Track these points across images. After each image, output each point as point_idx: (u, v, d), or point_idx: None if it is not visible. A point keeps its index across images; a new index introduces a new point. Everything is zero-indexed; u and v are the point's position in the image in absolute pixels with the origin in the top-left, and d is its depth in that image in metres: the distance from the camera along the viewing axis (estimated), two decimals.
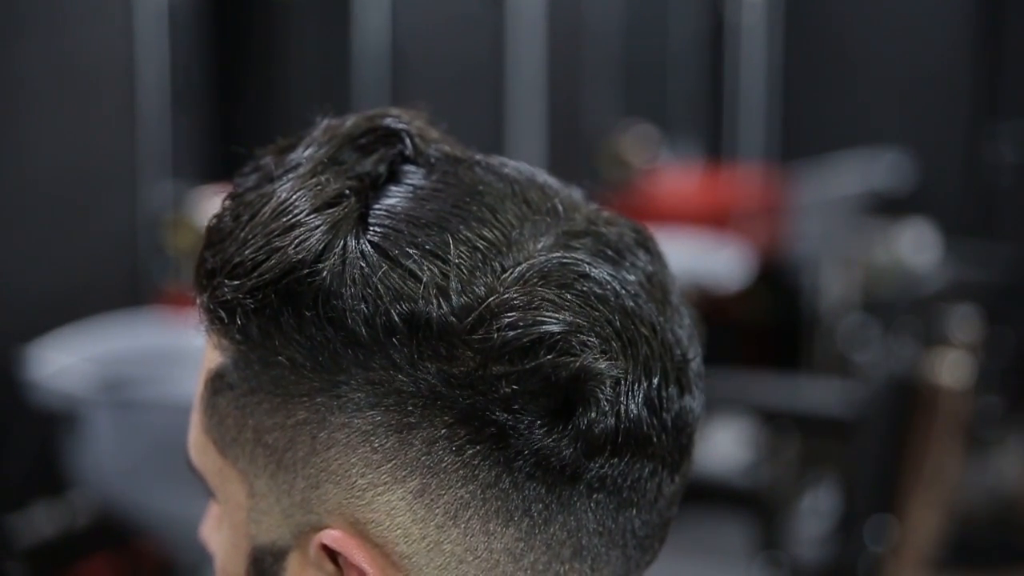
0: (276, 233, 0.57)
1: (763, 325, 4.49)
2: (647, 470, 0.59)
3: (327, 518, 0.58)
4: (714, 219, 4.21)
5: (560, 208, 0.61)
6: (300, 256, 0.56)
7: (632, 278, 0.59)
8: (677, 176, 4.66)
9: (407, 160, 0.61)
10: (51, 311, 2.51)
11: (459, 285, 0.55)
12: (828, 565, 2.51)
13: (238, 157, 0.65)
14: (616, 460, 0.57)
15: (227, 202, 0.61)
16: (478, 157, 0.63)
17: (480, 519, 0.57)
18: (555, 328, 0.55)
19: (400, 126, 0.62)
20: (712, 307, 3.97)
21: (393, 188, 0.60)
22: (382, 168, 0.60)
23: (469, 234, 0.57)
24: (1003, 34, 5.27)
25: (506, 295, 0.55)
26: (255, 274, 0.57)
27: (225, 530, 0.63)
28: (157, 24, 2.75)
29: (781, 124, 5.56)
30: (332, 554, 0.59)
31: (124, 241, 2.75)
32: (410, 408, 0.56)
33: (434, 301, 0.55)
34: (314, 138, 0.62)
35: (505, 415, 0.55)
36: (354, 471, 0.57)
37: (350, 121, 0.63)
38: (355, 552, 0.58)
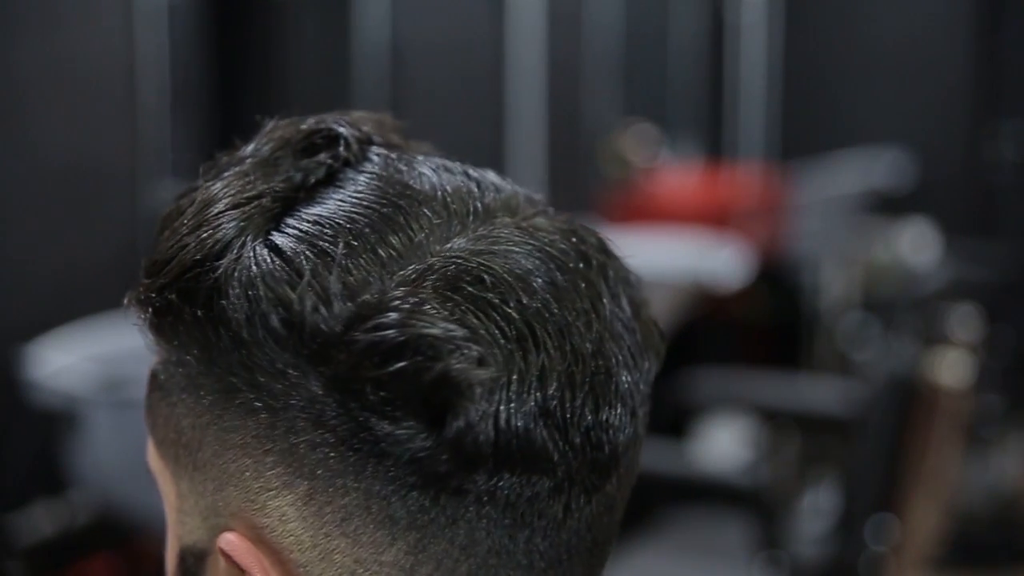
0: (185, 232, 0.58)
1: (763, 324, 4.49)
2: (547, 488, 0.55)
3: (232, 521, 0.58)
4: (714, 218, 4.21)
5: (486, 211, 0.59)
6: (198, 255, 0.56)
7: (545, 284, 0.56)
8: (677, 175, 4.66)
9: (347, 163, 0.60)
10: (51, 310, 2.51)
11: (341, 288, 0.54)
12: (828, 564, 2.51)
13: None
14: (507, 474, 0.54)
15: (174, 202, 0.62)
16: (419, 160, 0.61)
17: (368, 530, 0.55)
18: (425, 331, 0.52)
19: (341, 129, 0.61)
20: (712, 306, 3.97)
21: (323, 191, 0.59)
22: (321, 171, 0.59)
23: (374, 239, 0.56)
24: (1003, 34, 5.27)
25: (386, 298, 0.53)
26: (161, 272, 0.58)
27: (168, 531, 0.64)
28: (157, 23, 2.75)
29: (781, 124, 5.56)
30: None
31: (124, 240, 2.75)
32: (294, 412, 0.55)
33: (309, 303, 0.53)
34: (258, 138, 0.62)
35: (382, 421, 0.53)
36: (248, 474, 0.57)
37: (294, 123, 0.62)
38: (245, 557, 0.57)
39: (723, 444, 3.62)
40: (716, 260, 3.68)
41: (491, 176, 0.62)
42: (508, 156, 3.95)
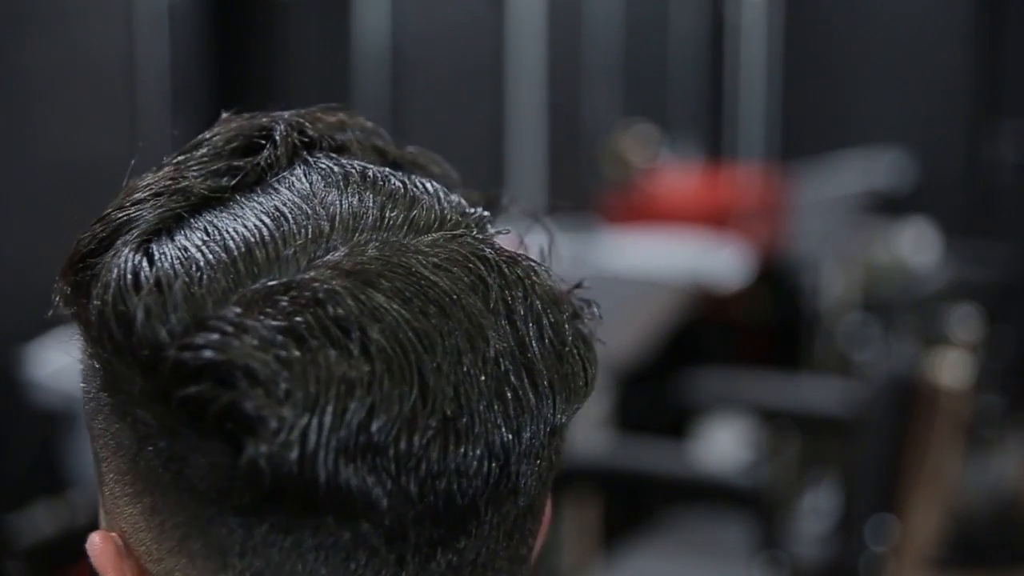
0: (94, 220, 0.58)
1: (763, 324, 4.49)
2: (374, 535, 0.51)
3: (110, 522, 0.58)
4: (714, 219, 4.21)
5: (377, 228, 0.54)
6: (86, 248, 0.56)
7: (412, 316, 0.51)
8: (677, 176, 4.66)
9: (270, 167, 0.57)
10: (51, 310, 2.51)
11: (183, 299, 0.51)
12: (828, 564, 2.51)
13: None
14: (327, 516, 0.50)
15: None
16: (341, 168, 0.57)
17: (202, 552, 0.53)
18: (229, 357, 0.49)
19: (277, 132, 0.58)
20: (712, 306, 3.97)
21: (241, 195, 0.57)
22: (253, 173, 0.57)
23: (240, 251, 0.53)
24: (1003, 34, 5.27)
25: (215, 315, 0.50)
26: (64, 263, 0.57)
27: None
28: (157, 23, 2.75)
29: (781, 124, 5.56)
30: None
31: None
32: (131, 423, 0.53)
33: (142, 313, 0.51)
34: (210, 130, 0.60)
35: (194, 444, 0.51)
36: (111, 478, 0.56)
37: (250, 118, 0.61)
38: (100, 559, 0.56)
39: (723, 444, 3.62)
40: (716, 260, 3.68)
41: (420, 189, 0.57)
42: (508, 156, 3.94)
